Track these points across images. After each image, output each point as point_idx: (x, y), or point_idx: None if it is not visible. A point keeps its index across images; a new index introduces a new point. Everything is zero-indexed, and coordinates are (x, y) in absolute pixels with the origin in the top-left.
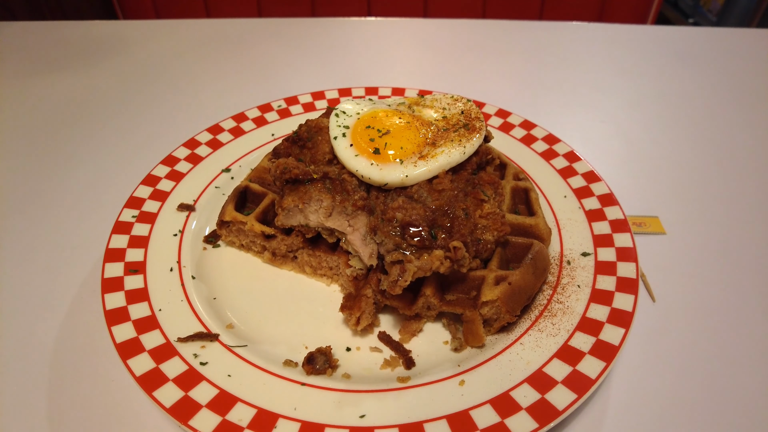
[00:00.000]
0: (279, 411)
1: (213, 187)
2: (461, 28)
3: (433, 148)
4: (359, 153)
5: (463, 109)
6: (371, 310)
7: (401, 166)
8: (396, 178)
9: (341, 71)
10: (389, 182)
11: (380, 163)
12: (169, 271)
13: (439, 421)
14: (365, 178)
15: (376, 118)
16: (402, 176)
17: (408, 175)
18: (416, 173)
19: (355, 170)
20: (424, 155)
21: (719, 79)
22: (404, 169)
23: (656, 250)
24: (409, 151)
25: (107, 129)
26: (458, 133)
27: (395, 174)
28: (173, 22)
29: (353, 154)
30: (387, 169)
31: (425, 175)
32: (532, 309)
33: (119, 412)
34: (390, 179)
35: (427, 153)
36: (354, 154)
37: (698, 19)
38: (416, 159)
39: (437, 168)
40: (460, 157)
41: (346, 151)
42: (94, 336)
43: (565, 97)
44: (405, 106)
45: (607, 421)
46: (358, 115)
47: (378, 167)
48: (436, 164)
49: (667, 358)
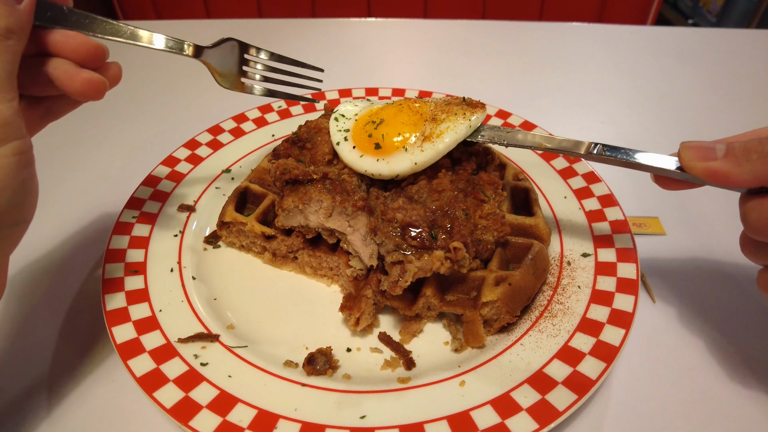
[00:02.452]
0: (279, 412)
1: (213, 187)
2: (461, 28)
3: (435, 124)
4: (363, 153)
5: (463, 98)
6: (371, 311)
7: (408, 154)
8: (405, 167)
9: (341, 71)
10: (400, 173)
11: (385, 157)
12: (170, 272)
13: (440, 422)
14: (375, 175)
15: (372, 113)
16: (411, 164)
17: (417, 162)
18: (425, 158)
19: (364, 171)
20: (427, 135)
21: (719, 80)
22: (411, 156)
23: (656, 251)
24: (409, 133)
25: (107, 129)
26: (461, 107)
27: (404, 163)
28: (173, 22)
29: (358, 156)
30: (394, 161)
31: (435, 158)
32: (532, 309)
33: (119, 412)
34: (400, 169)
35: (430, 133)
36: (359, 155)
37: (698, 20)
38: (420, 141)
39: (445, 148)
40: (467, 131)
41: (350, 154)
42: (94, 336)
43: (564, 98)
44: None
45: (607, 421)
46: (356, 116)
47: (385, 161)
48: (443, 144)
49: (667, 359)
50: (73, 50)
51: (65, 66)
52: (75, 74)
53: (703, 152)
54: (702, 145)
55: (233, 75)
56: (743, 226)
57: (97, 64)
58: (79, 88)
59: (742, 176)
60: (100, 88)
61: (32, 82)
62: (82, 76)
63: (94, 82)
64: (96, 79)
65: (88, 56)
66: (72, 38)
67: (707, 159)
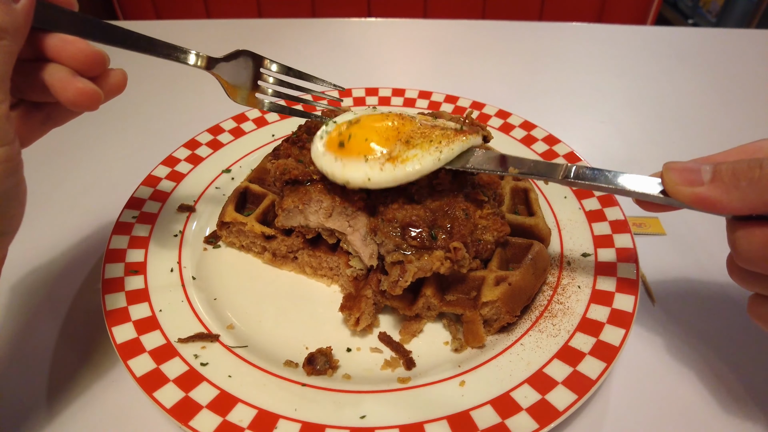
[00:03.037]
0: (279, 411)
1: (213, 187)
2: (461, 28)
3: (406, 147)
4: (327, 149)
5: (461, 117)
6: (371, 311)
7: (366, 165)
8: (358, 178)
9: (341, 71)
10: (350, 181)
11: (344, 159)
12: (170, 272)
13: (440, 422)
14: (329, 175)
15: (358, 117)
16: (365, 178)
17: (371, 179)
18: (379, 179)
19: (320, 166)
20: (393, 156)
21: (719, 80)
22: (368, 170)
23: (656, 251)
24: (378, 145)
25: (107, 129)
26: (442, 133)
27: (358, 174)
28: (173, 22)
29: (321, 151)
30: (350, 167)
31: (391, 183)
32: (532, 309)
33: (119, 412)
34: (351, 178)
35: (397, 154)
36: (322, 151)
37: (698, 20)
38: (384, 160)
39: (404, 177)
40: (433, 165)
41: (316, 148)
42: (94, 336)
43: (564, 98)
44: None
45: (607, 421)
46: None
47: (341, 164)
48: (402, 173)
49: (667, 359)
50: (70, 56)
51: (60, 74)
52: (68, 83)
53: (687, 175)
54: (686, 167)
55: (246, 89)
56: (732, 252)
57: (97, 72)
58: (72, 98)
59: (731, 204)
60: (94, 99)
61: (30, 88)
62: (75, 85)
63: (87, 92)
64: (90, 90)
65: (87, 63)
66: (71, 44)
67: (693, 184)
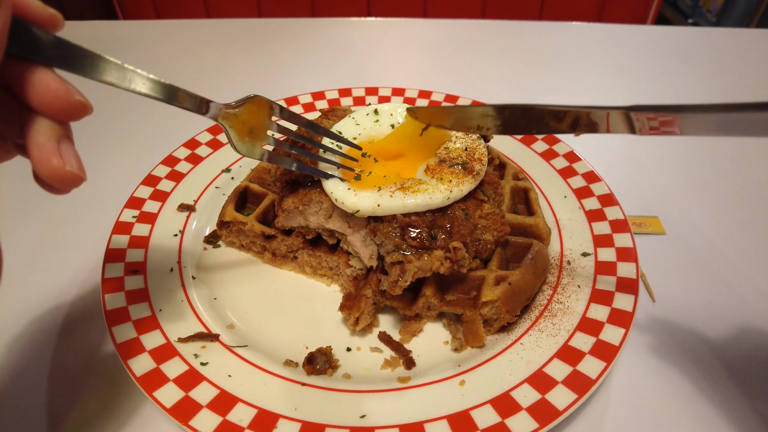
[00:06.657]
0: (279, 411)
1: (213, 187)
2: (461, 28)
3: (417, 181)
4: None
5: (468, 145)
6: (371, 311)
7: (376, 194)
8: (368, 205)
9: (341, 71)
10: (361, 210)
11: (357, 189)
12: (170, 272)
13: (440, 421)
14: (338, 202)
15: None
16: (374, 205)
17: (380, 204)
18: (389, 205)
19: (330, 192)
20: (405, 187)
21: (719, 79)
22: (378, 197)
23: (656, 251)
24: (390, 181)
25: (107, 129)
26: (452, 171)
27: (368, 201)
28: (173, 22)
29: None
30: (362, 196)
31: (398, 210)
32: (532, 309)
33: (119, 412)
34: (362, 206)
35: (409, 185)
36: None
37: (698, 20)
38: (395, 189)
39: (413, 206)
40: (442, 202)
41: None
42: (94, 336)
43: (564, 97)
44: None
45: (607, 421)
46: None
47: (353, 192)
48: (413, 202)
49: (667, 358)
50: (46, 105)
51: (39, 136)
52: (45, 157)
53: None
54: None
55: (255, 140)
56: None
57: (75, 120)
58: (45, 176)
59: None
60: (73, 184)
61: None
62: (51, 163)
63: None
64: (69, 175)
65: (64, 115)
66: (47, 86)
67: None
